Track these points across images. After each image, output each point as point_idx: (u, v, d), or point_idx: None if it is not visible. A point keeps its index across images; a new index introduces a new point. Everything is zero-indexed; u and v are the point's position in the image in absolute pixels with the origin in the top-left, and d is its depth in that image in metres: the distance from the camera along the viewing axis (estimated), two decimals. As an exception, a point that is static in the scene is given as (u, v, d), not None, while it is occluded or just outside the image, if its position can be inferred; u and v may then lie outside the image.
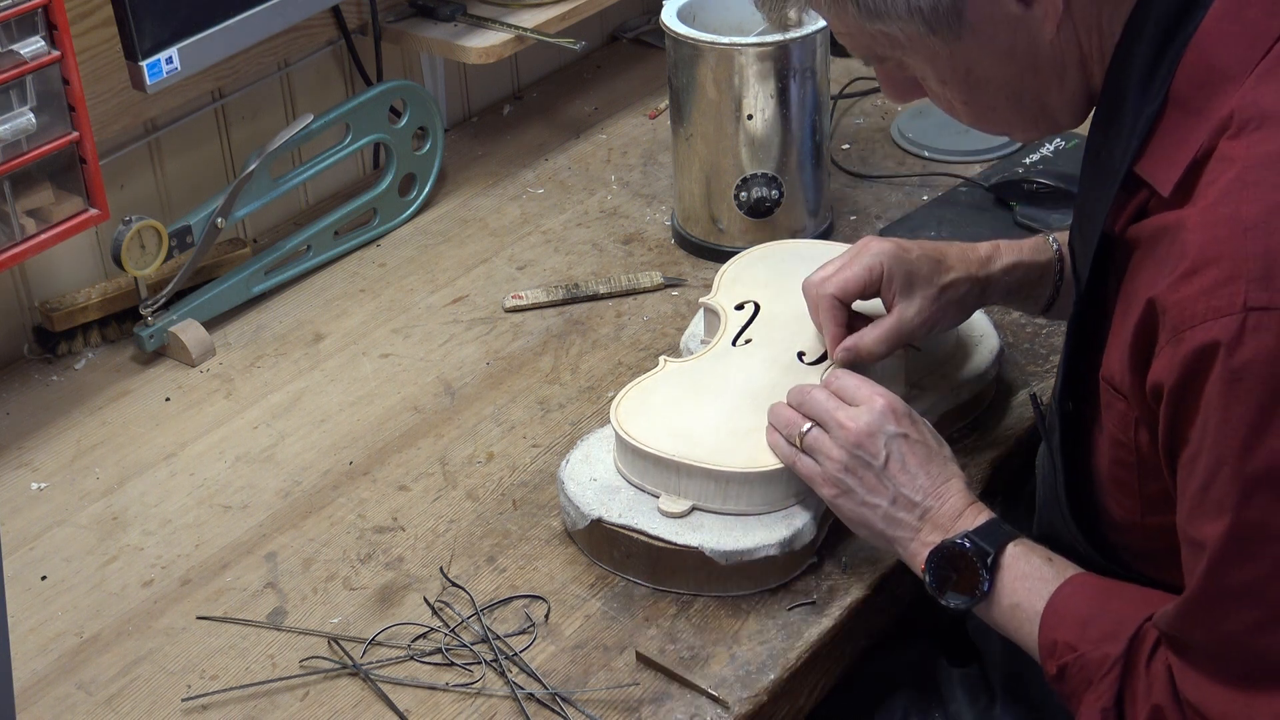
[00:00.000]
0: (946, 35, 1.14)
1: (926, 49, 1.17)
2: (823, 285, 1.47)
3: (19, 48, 1.50)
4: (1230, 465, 1.03)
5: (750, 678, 1.32)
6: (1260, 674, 1.06)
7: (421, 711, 1.31)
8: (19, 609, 1.44)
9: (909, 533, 1.32)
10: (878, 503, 1.33)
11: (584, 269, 1.88)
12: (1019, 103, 1.20)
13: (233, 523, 1.53)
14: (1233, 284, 1.01)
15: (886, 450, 1.33)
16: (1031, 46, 1.15)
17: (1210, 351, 1.02)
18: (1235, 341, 1.01)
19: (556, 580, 1.43)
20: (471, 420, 1.64)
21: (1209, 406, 1.03)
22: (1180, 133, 1.09)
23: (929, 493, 1.32)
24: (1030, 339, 1.69)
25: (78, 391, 1.74)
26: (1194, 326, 1.03)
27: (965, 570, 1.28)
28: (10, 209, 1.57)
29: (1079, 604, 1.22)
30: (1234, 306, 1.01)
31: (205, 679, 1.35)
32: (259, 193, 1.84)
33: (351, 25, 2.02)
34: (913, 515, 1.32)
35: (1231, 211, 1.03)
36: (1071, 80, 1.17)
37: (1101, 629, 1.19)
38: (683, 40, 1.78)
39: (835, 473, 1.34)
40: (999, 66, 1.17)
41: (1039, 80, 1.18)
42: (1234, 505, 1.03)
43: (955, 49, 1.16)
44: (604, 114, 2.23)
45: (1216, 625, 1.07)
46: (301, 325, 1.82)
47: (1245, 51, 1.07)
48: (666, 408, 1.47)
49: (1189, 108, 1.09)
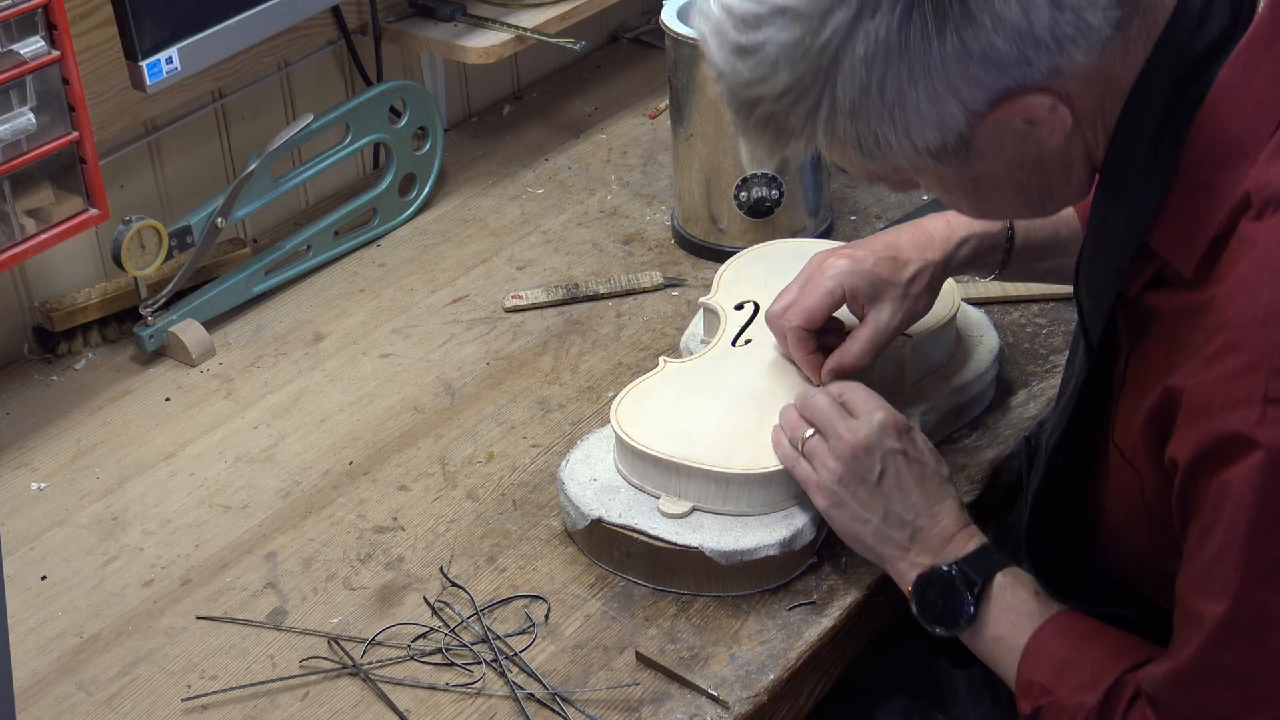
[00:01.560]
0: (954, 162, 1.12)
1: (933, 171, 1.16)
2: (787, 318, 1.47)
3: (19, 48, 1.50)
4: (1236, 551, 1.04)
5: (750, 678, 1.32)
6: None
7: (421, 711, 1.31)
8: (19, 609, 1.44)
9: (898, 551, 1.33)
10: (869, 517, 1.33)
11: (584, 269, 1.88)
12: (1025, 196, 1.18)
13: (233, 523, 1.53)
14: (1253, 374, 1.02)
15: (882, 465, 1.33)
16: (1039, 152, 1.13)
17: (1229, 441, 1.03)
18: (1253, 433, 1.01)
19: (556, 580, 1.43)
20: (471, 420, 1.64)
21: (1222, 491, 1.04)
22: (1195, 208, 1.08)
23: (921, 512, 1.33)
24: (1030, 339, 1.69)
25: (78, 391, 1.74)
26: (1213, 414, 1.04)
27: (951, 598, 1.29)
28: (10, 209, 1.57)
29: (1059, 646, 1.23)
30: (1253, 397, 1.01)
31: (205, 679, 1.35)
32: (259, 193, 1.84)
33: (351, 25, 2.02)
34: (903, 534, 1.33)
35: (1252, 299, 1.03)
36: (1077, 170, 1.16)
37: (1079, 676, 1.20)
38: (683, 40, 1.78)
39: (830, 483, 1.35)
40: (1006, 174, 1.15)
41: (1045, 177, 1.16)
42: (1235, 590, 1.04)
43: (962, 170, 1.14)
44: (604, 114, 2.23)
45: (1201, 698, 1.09)
46: (301, 325, 1.82)
47: (1255, 125, 1.06)
48: (666, 408, 1.47)
49: (1201, 182, 1.08)
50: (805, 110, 1.07)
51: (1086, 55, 1.05)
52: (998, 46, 1.03)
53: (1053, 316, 1.72)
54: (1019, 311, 1.74)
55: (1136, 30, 1.07)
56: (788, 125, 1.09)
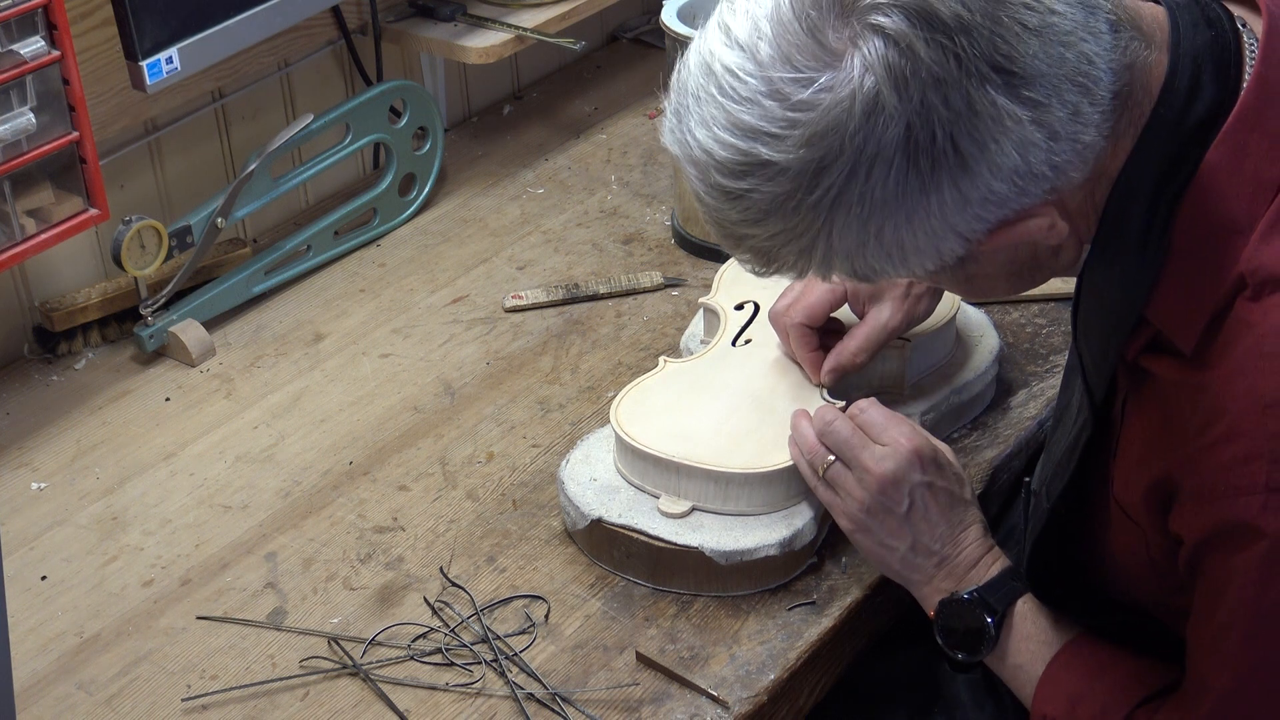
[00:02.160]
0: (950, 273, 1.13)
1: (930, 279, 1.17)
2: (790, 315, 1.47)
3: (19, 48, 1.50)
4: (1240, 634, 1.06)
5: (750, 678, 1.32)
6: None
7: (421, 711, 1.31)
8: (19, 609, 1.44)
9: (924, 577, 1.33)
10: (896, 545, 1.33)
11: (584, 269, 1.88)
12: (1016, 280, 1.18)
13: (233, 523, 1.53)
14: (1253, 463, 1.02)
15: (910, 499, 1.32)
16: (1033, 253, 1.13)
17: (1233, 529, 1.04)
18: (1257, 521, 1.03)
19: (556, 580, 1.43)
20: (471, 420, 1.64)
21: (1228, 574, 1.06)
22: (1191, 285, 1.08)
23: (947, 540, 1.33)
24: (1030, 339, 1.69)
25: (78, 391, 1.74)
26: (1216, 500, 1.05)
27: (973, 626, 1.30)
28: (10, 209, 1.57)
29: (1071, 679, 1.24)
30: (1255, 486, 1.02)
31: (205, 679, 1.35)
32: (259, 193, 1.84)
33: (351, 25, 2.02)
34: (930, 562, 1.33)
35: (1250, 385, 1.03)
36: (1069, 252, 1.15)
37: (1090, 710, 1.21)
38: (683, 40, 1.78)
39: (856, 511, 1.34)
40: (1000, 270, 1.15)
41: (1036, 263, 1.15)
42: (1238, 670, 1.07)
43: (958, 273, 1.13)
44: (604, 114, 2.23)
45: None
46: (301, 325, 1.82)
47: (1249, 201, 1.05)
48: (666, 408, 1.47)
49: (1196, 258, 1.07)
50: (798, 250, 1.06)
51: (1082, 170, 1.05)
52: (995, 189, 1.02)
53: (1053, 316, 1.72)
54: (1019, 311, 1.74)
55: (1125, 125, 1.07)
56: (779, 256, 1.08)
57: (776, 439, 1.42)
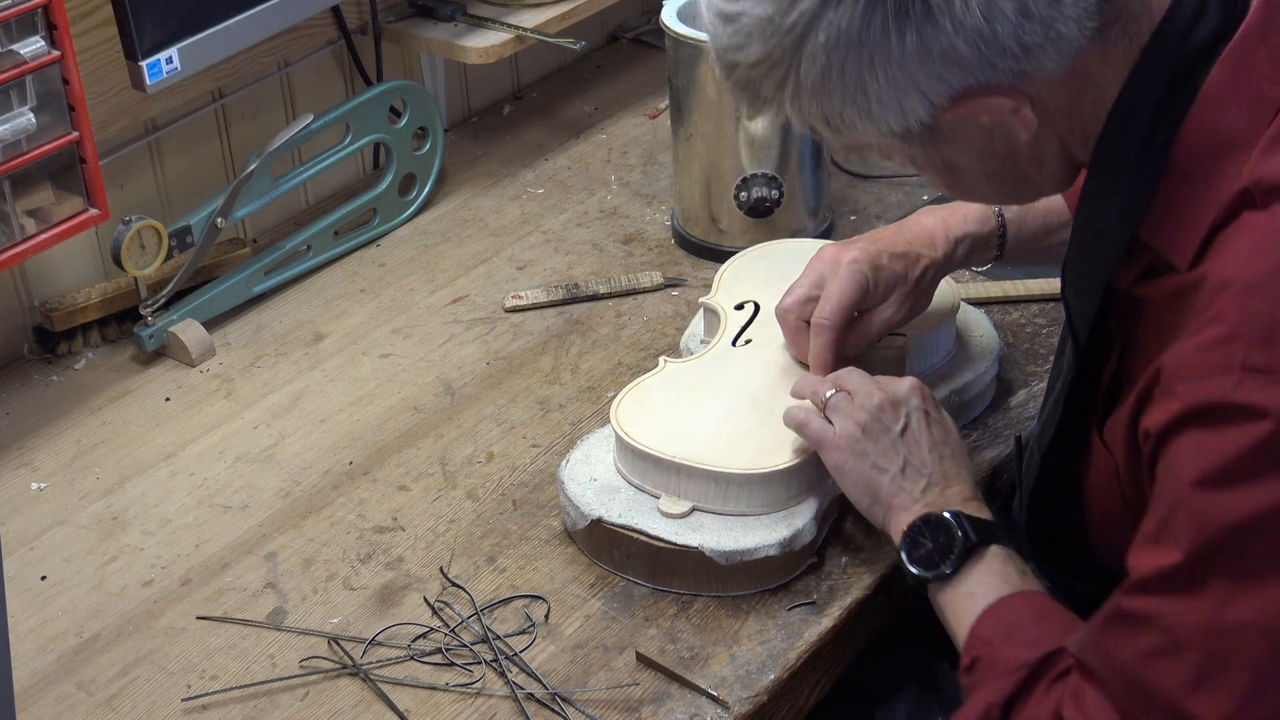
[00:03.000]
0: (922, 143, 1.14)
1: (903, 150, 1.18)
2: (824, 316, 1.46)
3: (19, 48, 1.50)
4: (1186, 508, 1.03)
5: (750, 678, 1.32)
6: (1141, 712, 1.06)
7: (421, 711, 1.31)
8: (19, 609, 1.44)
9: (909, 499, 1.32)
10: (887, 467, 1.33)
11: (584, 269, 1.88)
12: (999, 184, 1.20)
13: (233, 523, 1.53)
14: (1232, 343, 1.01)
15: (906, 421, 1.34)
16: (1008, 145, 1.14)
17: (1202, 408, 1.02)
18: (1228, 398, 1.01)
19: (556, 580, 1.43)
20: (471, 420, 1.64)
21: (1183, 453, 1.04)
22: (1189, 202, 1.09)
23: (936, 471, 1.33)
24: (1030, 339, 1.69)
25: (78, 391, 1.74)
26: (1189, 380, 1.03)
27: (941, 543, 1.28)
28: (10, 209, 1.57)
29: (1016, 611, 1.23)
30: (1231, 365, 1.01)
31: (205, 679, 1.35)
32: (259, 193, 1.84)
33: (351, 25, 2.02)
34: (917, 486, 1.32)
35: (1240, 272, 1.03)
36: (1052, 162, 1.17)
37: (1024, 637, 1.19)
38: (683, 40, 1.78)
39: (853, 431, 1.34)
40: (975, 161, 1.17)
41: (1017, 166, 1.17)
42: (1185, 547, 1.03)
43: (930, 151, 1.16)
44: (604, 114, 2.23)
45: (1114, 651, 1.08)
46: (301, 325, 1.82)
47: (1249, 119, 1.06)
48: (666, 408, 1.47)
49: (1194, 176, 1.08)
50: (775, 82, 1.10)
51: (1058, 62, 1.07)
52: (958, 48, 1.05)
53: (1052, 316, 1.73)
54: (1019, 311, 1.74)
55: (1118, 34, 1.08)
56: (760, 93, 1.12)
57: (777, 439, 1.42)
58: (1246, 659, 1.01)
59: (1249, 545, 1.00)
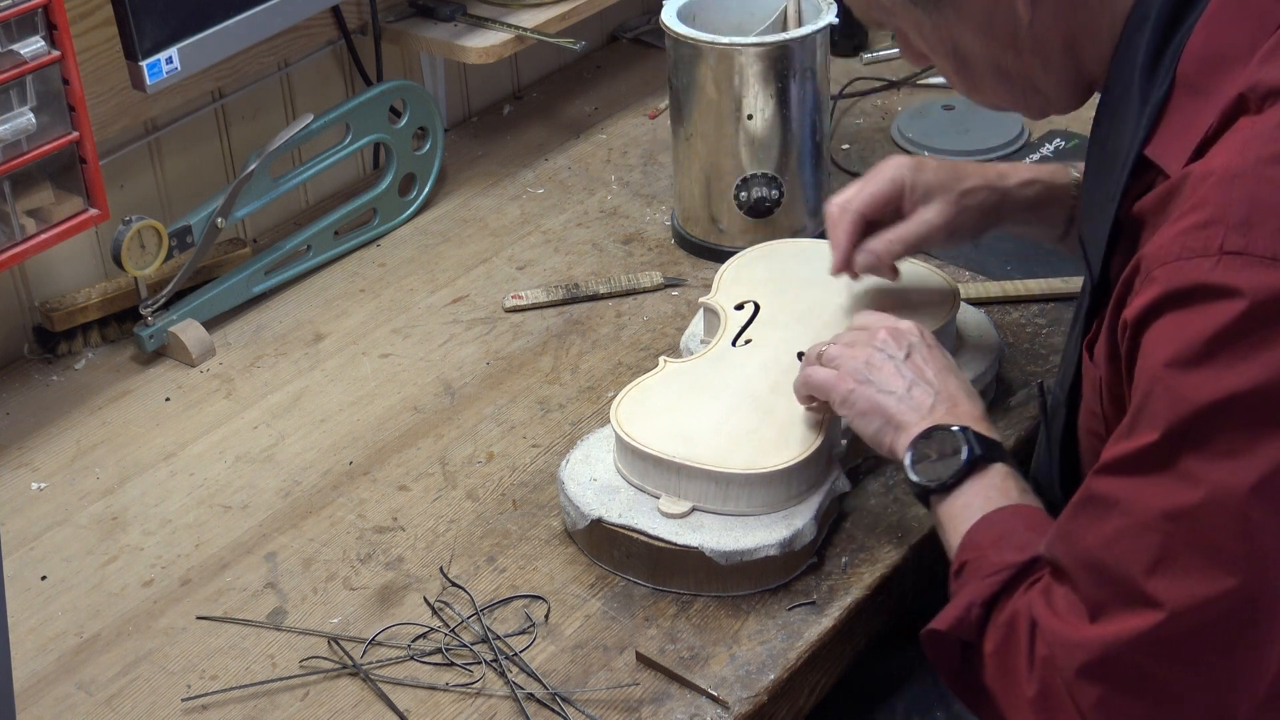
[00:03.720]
0: (926, 6, 1.19)
1: (911, 18, 1.22)
2: (847, 204, 1.49)
3: (19, 48, 1.50)
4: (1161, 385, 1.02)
5: (750, 678, 1.32)
6: (1105, 599, 1.06)
7: (421, 711, 1.31)
8: (19, 609, 1.44)
9: (918, 416, 1.32)
10: (894, 388, 1.33)
11: (584, 269, 1.88)
12: (1007, 80, 1.23)
13: (233, 523, 1.53)
14: (1212, 227, 1.02)
15: (909, 349, 1.36)
16: (1010, 25, 1.17)
17: (1179, 292, 1.02)
18: (1205, 279, 1.00)
19: (556, 580, 1.43)
20: (471, 420, 1.65)
21: (1159, 337, 1.03)
22: (1189, 114, 1.10)
23: (942, 394, 1.33)
24: (1030, 339, 1.69)
25: (78, 391, 1.74)
26: (1166, 264, 1.03)
27: (946, 453, 1.28)
28: (10, 209, 1.57)
29: (1011, 521, 1.23)
30: (1210, 249, 1.01)
31: (205, 679, 1.35)
32: (259, 193, 1.84)
33: (351, 25, 2.02)
34: (924, 403, 1.32)
35: (1223, 164, 1.04)
36: (1057, 63, 1.19)
37: (1014, 543, 1.19)
38: (683, 40, 1.78)
39: (858, 366, 1.36)
40: (980, 42, 1.20)
41: (1022, 61, 1.20)
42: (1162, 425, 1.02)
43: (936, 21, 1.20)
44: (604, 114, 2.23)
45: (1079, 539, 1.08)
46: (301, 325, 1.82)
47: (1251, 34, 1.08)
48: (667, 408, 1.47)
49: (1196, 89, 1.10)
50: None
51: None
52: None
53: (1053, 316, 1.73)
54: (1019, 311, 1.74)
55: None
56: None
57: (777, 439, 1.42)
58: (1207, 542, 1.01)
59: (1218, 425, 1.00)
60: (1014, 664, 1.12)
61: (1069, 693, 1.07)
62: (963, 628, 1.17)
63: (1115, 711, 1.06)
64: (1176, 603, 1.02)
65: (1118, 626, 1.04)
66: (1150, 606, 1.02)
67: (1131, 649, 1.04)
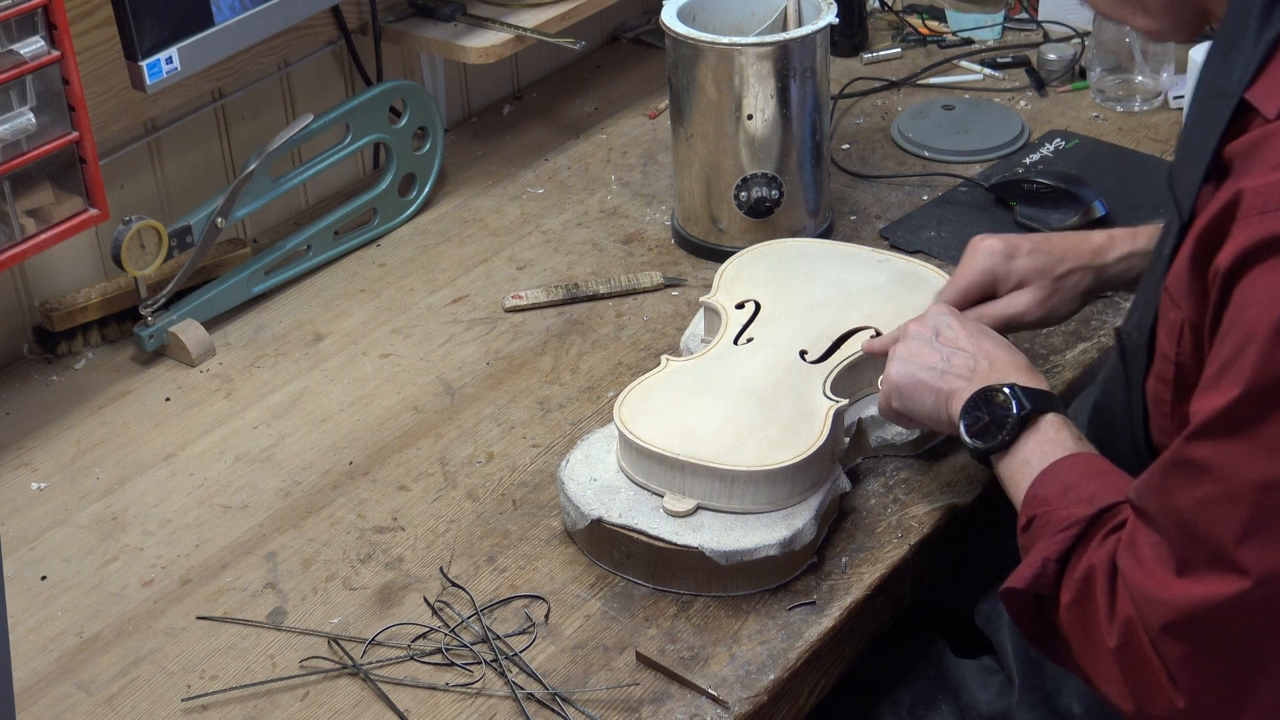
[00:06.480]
0: None
1: None
2: (945, 296, 1.50)
3: (19, 48, 1.50)
4: (1258, 344, 1.01)
5: (750, 678, 1.32)
6: (1194, 558, 1.06)
7: (421, 711, 1.31)
8: (19, 609, 1.44)
9: (960, 383, 1.35)
10: (933, 364, 1.37)
11: (584, 269, 1.88)
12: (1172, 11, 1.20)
13: (233, 523, 1.53)
14: None
15: (936, 328, 1.40)
16: None
17: (1271, 241, 1.01)
18: None
19: (556, 580, 1.43)
20: (471, 420, 1.64)
21: (1258, 287, 1.02)
22: None
23: (978, 356, 1.36)
24: (1030, 339, 1.69)
25: (78, 391, 1.74)
26: (1263, 213, 1.02)
27: (996, 415, 1.30)
28: (10, 209, 1.57)
29: (1072, 471, 1.24)
30: None
31: (205, 679, 1.35)
32: (259, 193, 1.84)
33: (351, 25, 2.02)
34: (965, 369, 1.36)
35: None
36: None
37: (1079, 494, 1.20)
38: (683, 40, 1.78)
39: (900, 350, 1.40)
40: None
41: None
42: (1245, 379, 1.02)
43: None
44: (604, 114, 2.23)
45: (1170, 497, 1.08)
46: (301, 325, 1.82)
47: None
48: (669, 407, 1.47)
49: None
50: None
51: None
52: None
53: (1053, 316, 1.72)
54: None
55: None
56: None
57: (780, 437, 1.42)
58: None
59: None
60: (1093, 615, 1.14)
61: (1154, 647, 1.09)
62: (1040, 584, 1.19)
63: (1200, 669, 1.07)
64: (1263, 571, 1.02)
65: (1204, 588, 1.05)
66: (1238, 573, 1.03)
67: (1217, 612, 1.05)
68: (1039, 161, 2.01)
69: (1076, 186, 1.88)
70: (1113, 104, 2.14)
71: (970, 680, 1.42)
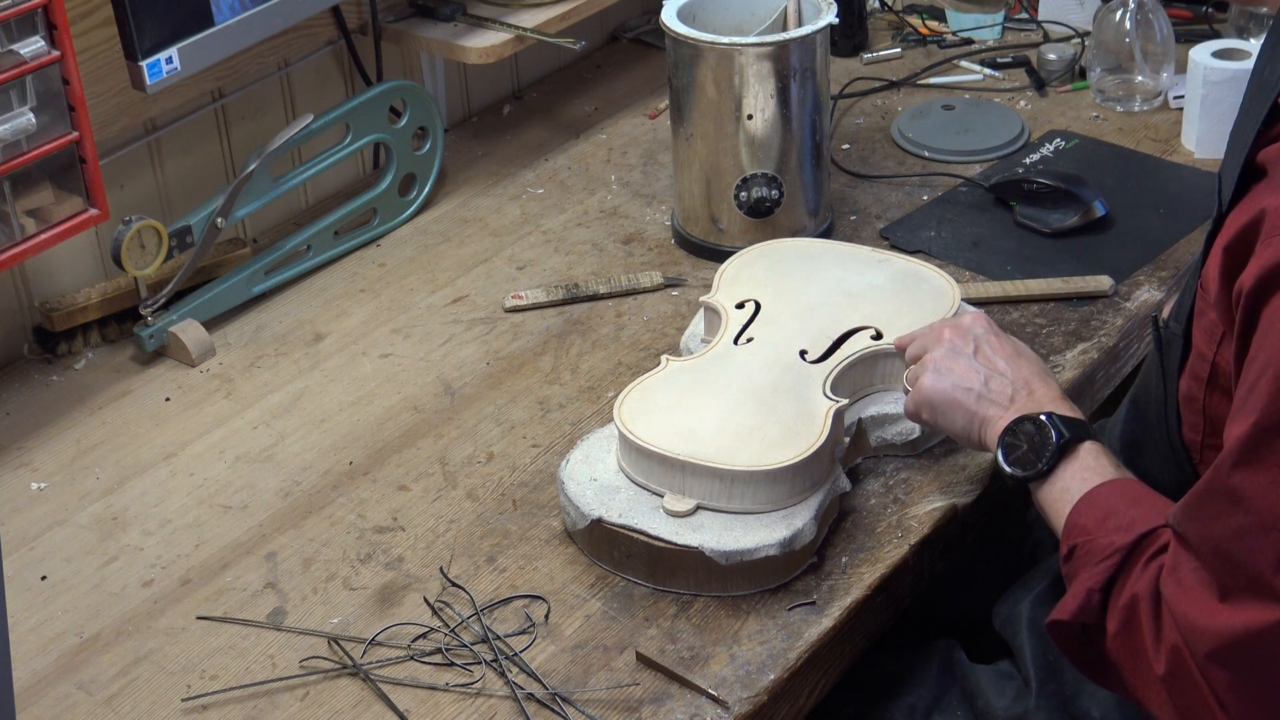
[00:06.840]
0: None
1: None
2: None
3: (19, 48, 1.50)
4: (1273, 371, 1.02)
5: (750, 678, 1.32)
6: (1234, 585, 1.07)
7: (421, 711, 1.31)
8: (19, 609, 1.44)
9: (998, 410, 1.36)
10: (971, 385, 1.38)
11: (584, 269, 1.88)
12: None
13: (233, 523, 1.53)
14: None
15: (975, 344, 1.40)
16: None
17: None
18: None
19: (556, 580, 1.43)
20: (471, 420, 1.64)
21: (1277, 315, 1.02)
22: None
23: (1018, 383, 1.37)
24: (1030, 339, 1.69)
25: (78, 391, 1.74)
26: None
27: (1036, 444, 1.31)
28: (10, 209, 1.57)
29: (1111, 498, 1.25)
30: None
31: (205, 679, 1.35)
32: (259, 193, 1.84)
33: (351, 25, 2.02)
34: (1004, 395, 1.37)
35: None
36: None
37: (1119, 522, 1.21)
38: (683, 40, 1.78)
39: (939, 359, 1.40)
40: None
41: None
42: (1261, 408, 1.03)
43: None
44: (604, 114, 2.23)
45: (1207, 525, 1.08)
46: (301, 325, 1.82)
47: None
48: (670, 407, 1.47)
49: None
50: None
51: None
52: None
53: (1053, 316, 1.73)
54: (1019, 311, 1.74)
55: None
56: None
57: (780, 437, 1.42)
58: None
59: None
60: (1139, 643, 1.14)
61: (1201, 674, 1.09)
62: (1086, 614, 1.19)
63: (1249, 695, 1.08)
64: None
65: (1247, 616, 1.06)
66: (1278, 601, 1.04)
67: (1261, 639, 1.06)
68: (1039, 161, 2.01)
69: (1076, 186, 1.88)
70: (1113, 104, 2.14)
71: (986, 685, 1.42)
